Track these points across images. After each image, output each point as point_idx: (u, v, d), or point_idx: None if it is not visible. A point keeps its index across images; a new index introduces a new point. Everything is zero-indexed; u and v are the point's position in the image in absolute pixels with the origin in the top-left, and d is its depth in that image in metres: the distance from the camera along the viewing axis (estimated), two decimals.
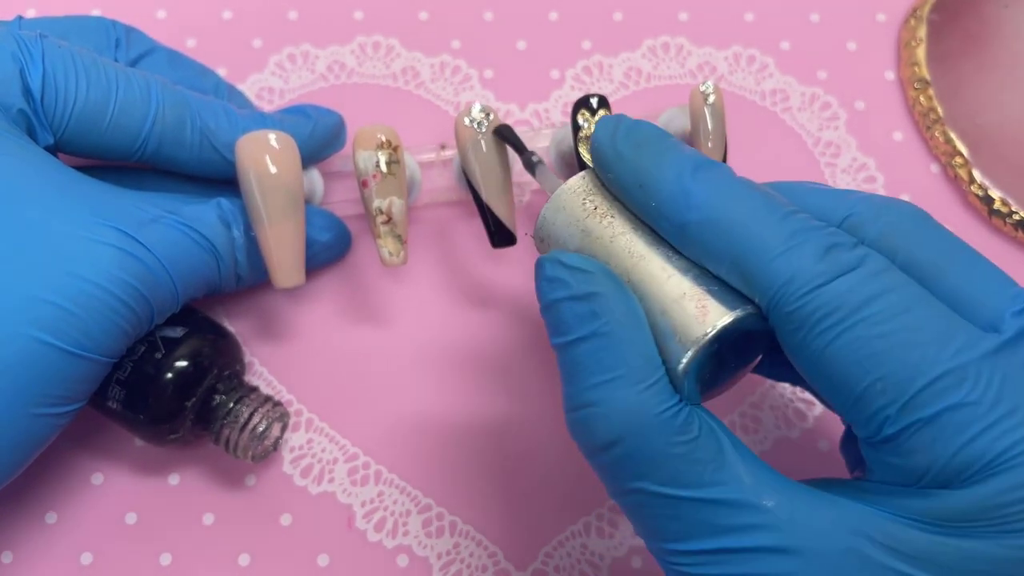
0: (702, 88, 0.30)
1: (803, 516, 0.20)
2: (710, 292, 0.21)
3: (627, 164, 0.22)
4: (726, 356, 0.22)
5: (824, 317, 0.20)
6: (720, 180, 0.22)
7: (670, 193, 0.21)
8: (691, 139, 0.31)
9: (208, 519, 0.31)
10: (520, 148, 0.27)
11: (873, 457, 0.21)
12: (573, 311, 0.22)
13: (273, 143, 0.28)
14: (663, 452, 0.20)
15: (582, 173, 0.24)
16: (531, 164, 0.27)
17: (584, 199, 0.24)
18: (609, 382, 0.21)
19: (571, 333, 0.22)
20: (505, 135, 0.28)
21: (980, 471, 0.19)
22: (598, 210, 0.23)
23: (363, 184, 0.29)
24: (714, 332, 0.21)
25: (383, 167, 0.28)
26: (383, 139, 0.28)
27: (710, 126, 0.30)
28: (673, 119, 0.33)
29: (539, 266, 0.23)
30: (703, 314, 0.21)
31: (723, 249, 0.21)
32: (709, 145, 0.30)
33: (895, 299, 0.20)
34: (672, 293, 0.22)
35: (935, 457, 0.19)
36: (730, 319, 0.21)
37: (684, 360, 0.21)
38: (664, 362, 0.21)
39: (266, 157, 0.27)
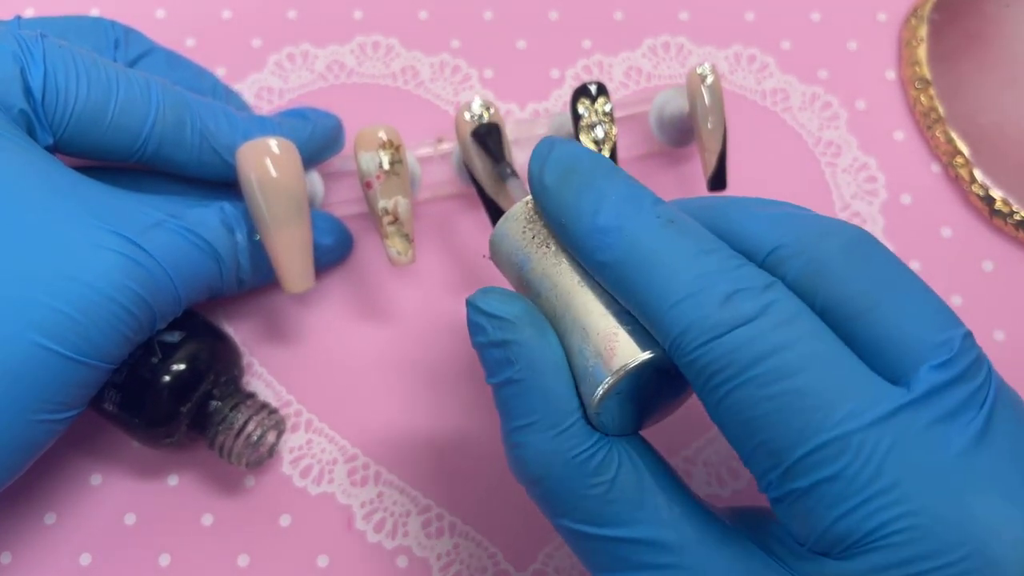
0: (699, 70, 0.30)
1: (709, 560, 0.20)
2: (628, 331, 0.21)
3: (551, 197, 0.22)
4: (654, 388, 0.22)
5: (715, 373, 0.19)
6: (635, 218, 0.21)
7: (585, 232, 0.21)
8: (689, 121, 0.31)
9: (207, 520, 0.31)
10: (497, 158, 0.28)
11: (773, 509, 0.20)
12: (493, 356, 0.22)
13: (274, 149, 0.28)
14: (579, 493, 0.21)
15: (526, 199, 0.24)
16: (504, 176, 0.27)
17: (525, 227, 0.24)
18: (527, 426, 0.22)
19: (494, 376, 0.22)
20: (484, 140, 0.28)
21: (850, 547, 0.18)
22: (535, 239, 0.23)
23: (367, 185, 0.28)
24: (620, 374, 0.21)
25: (386, 167, 0.28)
26: (385, 139, 0.28)
27: (708, 107, 0.30)
28: (669, 101, 0.32)
29: (467, 308, 0.23)
30: (611, 355, 0.21)
31: (630, 292, 0.20)
32: (708, 126, 0.30)
33: (790, 357, 0.19)
34: (593, 328, 0.22)
35: (811, 528, 0.19)
36: (636, 362, 0.21)
37: (595, 400, 0.21)
38: (581, 401, 0.22)
39: (268, 163, 0.27)
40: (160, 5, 0.37)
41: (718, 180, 0.31)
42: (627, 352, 0.21)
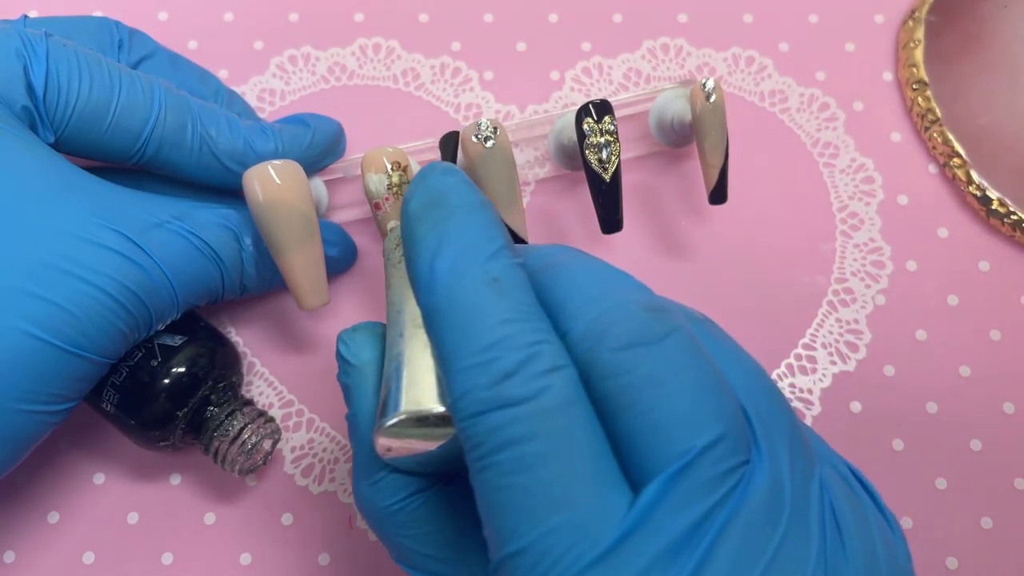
0: (703, 84, 0.30)
1: None
2: (438, 383, 0.20)
3: (409, 225, 0.21)
4: (447, 443, 0.21)
5: (472, 448, 0.18)
6: (464, 268, 0.20)
7: (420, 269, 0.20)
8: (688, 127, 0.31)
9: (209, 519, 0.31)
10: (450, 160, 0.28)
11: None
12: (344, 392, 0.24)
13: (278, 173, 0.27)
14: (393, 541, 0.23)
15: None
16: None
17: (397, 246, 0.24)
18: (356, 469, 0.23)
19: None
20: (445, 144, 0.28)
21: None
22: (401, 263, 0.23)
23: (376, 207, 0.29)
24: (401, 416, 0.20)
25: (395, 189, 0.28)
26: (392, 161, 0.28)
27: (711, 121, 0.30)
28: (668, 104, 0.33)
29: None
30: (414, 396, 0.20)
31: (436, 342, 0.20)
32: (711, 140, 0.30)
33: (533, 450, 0.18)
34: (408, 361, 0.21)
35: None
36: (429, 411, 0.20)
37: (373, 435, 0.21)
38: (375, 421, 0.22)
39: (273, 189, 0.27)
40: (163, 7, 0.37)
41: (719, 195, 0.31)
42: (424, 398, 0.20)
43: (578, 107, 0.30)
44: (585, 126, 0.30)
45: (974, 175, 0.35)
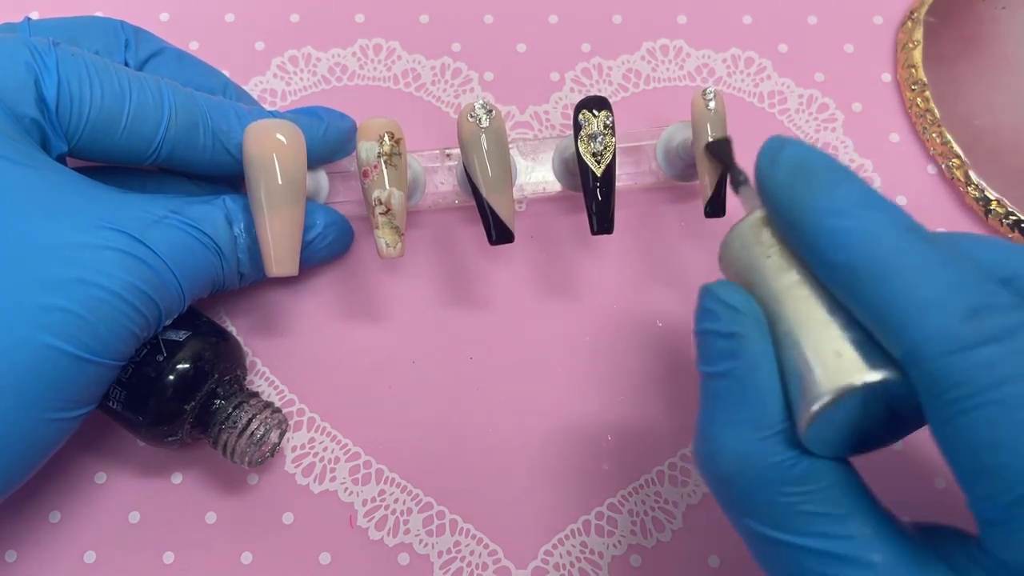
0: (704, 92, 0.30)
1: None
2: (855, 347, 0.21)
3: (783, 194, 0.22)
4: (872, 414, 0.21)
5: (954, 387, 0.18)
6: (876, 220, 0.20)
7: (820, 228, 0.20)
8: (692, 145, 0.31)
9: (211, 518, 0.31)
10: (728, 165, 0.28)
11: (981, 529, 0.20)
12: (716, 346, 0.22)
13: (279, 131, 0.28)
14: (771, 499, 0.21)
15: (758, 210, 0.24)
16: (737, 183, 0.27)
17: (760, 236, 0.23)
18: (730, 423, 0.22)
19: (711, 365, 0.22)
20: (718, 151, 0.28)
21: None
22: (772, 249, 0.23)
23: (364, 175, 0.29)
24: (841, 392, 0.20)
25: (384, 157, 0.29)
26: (386, 130, 0.29)
27: (711, 128, 0.30)
28: (676, 133, 0.33)
29: (701, 293, 0.23)
30: (835, 371, 0.20)
31: (865, 295, 0.20)
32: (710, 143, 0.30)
33: None
34: (817, 340, 0.21)
35: None
36: (860, 382, 0.20)
37: (809, 415, 0.21)
38: (795, 412, 0.21)
39: (271, 144, 0.28)
40: (164, 8, 0.37)
41: (716, 206, 0.30)
42: (851, 370, 0.20)
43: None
44: (581, 117, 0.30)
45: (973, 176, 0.35)
